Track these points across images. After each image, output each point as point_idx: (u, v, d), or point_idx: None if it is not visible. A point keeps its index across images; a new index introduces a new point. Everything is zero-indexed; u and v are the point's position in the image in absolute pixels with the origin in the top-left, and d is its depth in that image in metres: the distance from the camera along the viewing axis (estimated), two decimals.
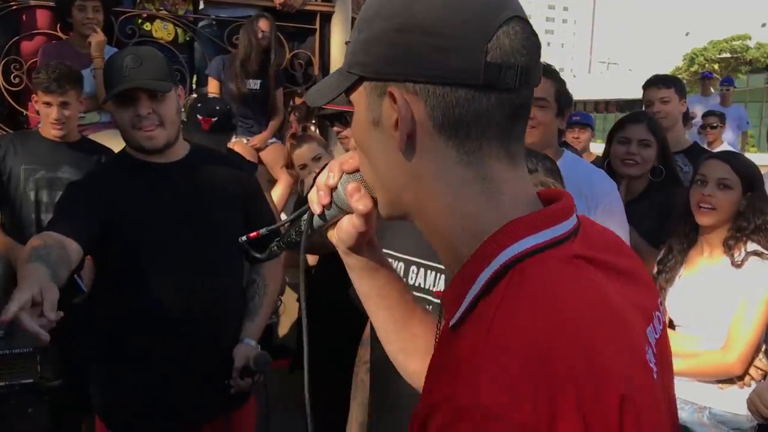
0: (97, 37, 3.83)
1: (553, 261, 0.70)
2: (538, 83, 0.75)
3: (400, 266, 1.56)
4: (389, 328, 1.05)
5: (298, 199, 3.56)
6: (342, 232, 0.95)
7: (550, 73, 2.35)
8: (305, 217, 0.96)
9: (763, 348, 2.36)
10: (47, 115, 3.02)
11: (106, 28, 4.08)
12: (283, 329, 3.81)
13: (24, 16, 4.17)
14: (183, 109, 2.15)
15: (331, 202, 0.92)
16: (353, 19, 4.95)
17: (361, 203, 0.88)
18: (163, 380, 2.05)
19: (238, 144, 4.25)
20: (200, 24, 4.71)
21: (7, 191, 3.00)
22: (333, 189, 0.91)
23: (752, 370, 2.32)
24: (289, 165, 3.41)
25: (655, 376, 0.71)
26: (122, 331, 2.08)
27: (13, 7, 4.09)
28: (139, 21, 4.47)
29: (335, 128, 2.73)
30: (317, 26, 4.86)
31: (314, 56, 4.86)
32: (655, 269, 2.51)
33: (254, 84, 4.33)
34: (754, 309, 2.31)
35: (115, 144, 3.43)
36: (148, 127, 1.99)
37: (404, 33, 0.72)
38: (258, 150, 4.38)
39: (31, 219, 2.98)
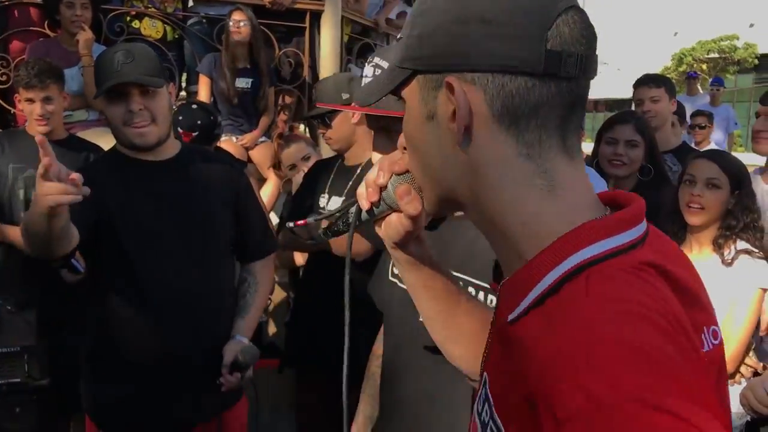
0: (85, 35, 3.81)
1: (625, 267, 0.69)
2: (595, 75, 0.75)
3: None
4: (435, 317, 1.07)
5: (288, 198, 3.55)
6: (390, 229, 0.96)
7: None
8: (353, 209, 0.98)
9: (753, 345, 2.37)
10: (31, 112, 3.01)
11: (95, 25, 4.05)
12: (272, 328, 3.80)
13: (12, 13, 4.13)
14: (174, 107, 2.13)
15: (379, 200, 0.93)
16: (343, 18, 4.95)
17: (411, 206, 0.89)
18: (154, 379, 2.03)
19: (228, 142, 4.23)
20: (189, 22, 4.69)
21: None
22: (382, 188, 0.92)
23: (742, 368, 2.33)
24: (276, 165, 3.40)
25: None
26: (112, 330, 2.06)
27: (4, 4, 4.05)
28: (128, 18, 4.44)
29: (320, 129, 2.73)
30: (307, 24, 4.84)
31: (304, 55, 4.85)
32: None
33: (245, 82, 4.32)
34: (745, 308, 2.32)
35: (103, 142, 3.42)
36: (140, 124, 1.98)
37: (462, 24, 0.72)
38: (247, 149, 4.36)
39: (21, 217, 2.95)
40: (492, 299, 1.39)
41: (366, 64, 1.44)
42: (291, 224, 1.08)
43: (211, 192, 2.12)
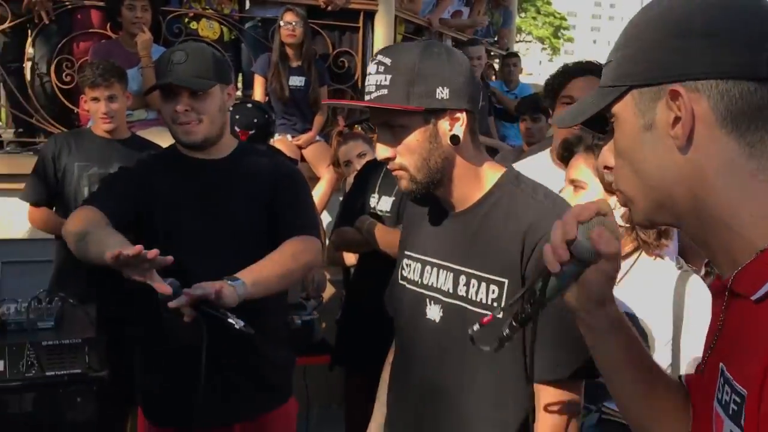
0: (144, 36, 3.92)
1: None
2: None
3: (417, 267, 1.57)
4: (635, 389, 1.03)
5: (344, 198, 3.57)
6: (593, 285, 0.97)
7: (601, 71, 2.31)
8: (538, 285, 0.97)
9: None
10: (96, 111, 3.11)
11: (154, 27, 4.16)
12: (323, 326, 3.83)
13: (77, 16, 4.28)
14: (229, 110, 2.15)
15: (570, 259, 0.94)
16: (396, 17, 4.96)
17: (611, 245, 0.93)
18: (196, 374, 2.05)
19: (282, 141, 4.29)
20: (246, 25, 4.77)
21: (62, 187, 3.09)
22: (570, 243, 0.93)
23: None
24: (335, 162, 3.42)
25: None
26: (155, 324, 2.10)
27: (68, 7, 4.19)
28: (186, 20, 4.55)
29: (370, 133, 2.74)
30: (360, 24, 4.88)
31: (357, 54, 4.88)
32: (703, 271, 2.45)
33: (298, 81, 4.37)
34: None
35: (161, 140, 3.51)
36: (186, 122, 2.02)
37: (683, 38, 0.80)
38: (301, 148, 4.41)
39: None
40: (494, 289, 1.40)
41: (370, 62, 1.45)
42: (476, 327, 1.04)
43: (251, 191, 2.12)
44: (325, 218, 4.00)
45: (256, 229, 2.09)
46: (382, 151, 1.44)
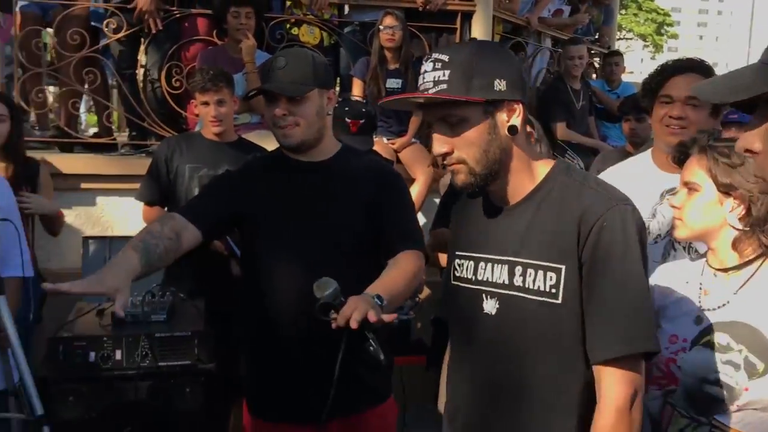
0: (248, 42, 4.05)
1: None
2: None
3: (470, 265, 1.58)
4: None
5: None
6: None
7: (704, 69, 2.23)
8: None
9: None
10: (206, 114, 3.24)
11: (258, 33, 4.30)
12: (419, 326, 3.85)
13: (185, 24, 4.48)
14: (329, 114, 2.21)
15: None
16: (494, 17, 4.93)
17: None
18: (294, 369, 2.10)
19: (378, 143, 4.34)
20: (345, 29, 4.86)
21: (174, 188, 3.25)
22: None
23: None
24: (434, 163, 3.45)
25: None
26: (261, 320, 2.16)
27: (177, 16, 4.40)
28: (288, 26, 4.68)
29: None
30: (458, 25, 4.87)
31: None
32: None
33: (395, 83, 4.41)
34: None
35: (264, 143, 3.62)
36: (284, 126, 2.09)
37: None
38: (396, 150, 4.45)
39: None
40: (551, 276, 1.42)
41: (424, 60, 1.48)
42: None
43: (354, 193, 2.15)
44: (420, 219, 4.02)
45: (357, 230, 2.12)
46: (439, 146, 1.47)
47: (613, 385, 1.39)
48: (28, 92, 4.65)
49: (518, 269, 1.47)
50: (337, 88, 4.99)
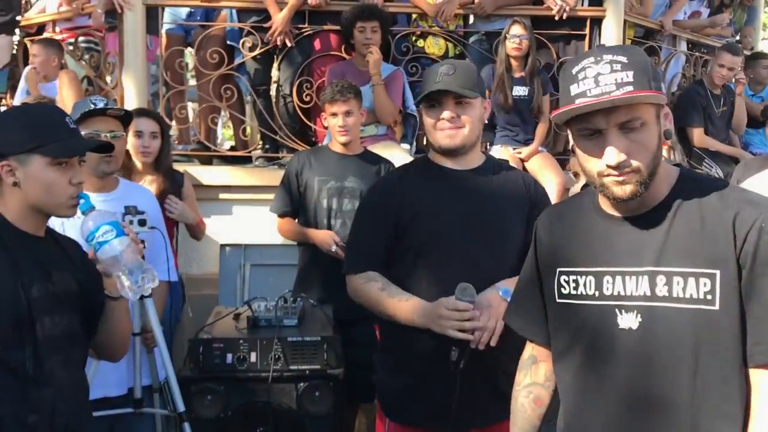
0: (373, 56, 4.12)
1: None
2: None
3: (589, 281, 1.51)
4: None
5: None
6: None
7: None
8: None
9: None
10: (334, 125, 3.32)
11: (384, 46, 4.37)
12: None
13: (315, 41, 4.64)
14: (485, 122, 2.28)
15: None
16: (625, 21, 4.76)
17: None
18: (434, 375, 2.13)
19: (505, 152, 4.30)
20: (471, 39, 4.85)
21: (304, 200, 3.35)
22: None
23: None
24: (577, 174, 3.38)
25: None
26: (400, 325, 2.19)
27: (308, 33, 4.56)
28: (413, 38, 4.73)
29: None
30: (587, 31, 4.74)
31: None
32: None
33: (522, 91, 4.35)
34: None
35: (389, 154, 3.68)
36: (449, 127, 2.16)
37: None
38: (524, 159, 4.39)
39: (324, 223, 3.30)
40: (705, 282, 1.36)
41: (595, 63, 1.39)
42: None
43: (508, 201, 2.23)
44: None
45: (511, 238, 2.18)
46: (617, 154, 1.38)
47: None
48: (171, 109, 4.97)
49: (661, 279, 1.41)
50: None
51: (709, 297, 1.37)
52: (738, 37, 6.60)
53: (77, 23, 4.97)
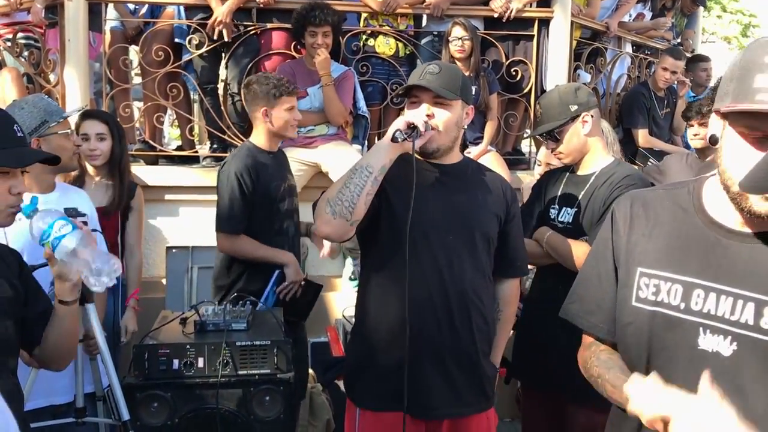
0: (319, 57, 4.08)
1: None
2: None
3: (675, 289, 1.37)
4: None
5: None
6: None
7: None
8: None
9: None
10: (290, 119, 3.20)
11: (334, 45, 4.34)
12: None
13: (263, 38, 4.57)
14: (463, 128, 2.31)
15: None
16: (572, 23, 4.82)
17: None
18: (410, 365, 2.13)
19: None
20: (423, 40, 4.84)
21: (259, 207, 3.16)
22: None
23: None
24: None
25: None
26: (377, 312, 2.24)
27: (255, 31, 4.50)
28: (364, 37, 4.71)
29: (550, 145, 2.68)
30: (535, 32, 4.80)
31: (531, 63, 4.80)
32: None
33: None
34: None
35: (339, 153, 3.65)
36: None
37: None
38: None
39: (284, 227, 3.23)
40: None
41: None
42: None
43: (486, 199, 2.28)
44: None
45: (493, 237, 2.27)
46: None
47: None
48: (116, 107, 4.84)
49: None
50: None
51: None
52: (679, 40, 6.77)
53: (15, 18, 4.79)
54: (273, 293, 2.98)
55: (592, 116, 2.59)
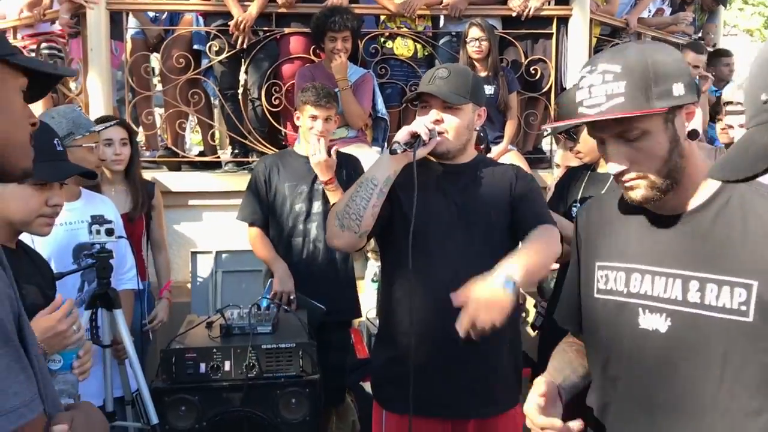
0: (336, 62, 4.08)
1: None
2: None
3: (619, 276, 1.47)
4: None
5: None
6: None
7: None
8: None
9: None
10: (311, 129, 3.26)
11: (352, 48, 4.35)
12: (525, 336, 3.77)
13: (283, 43, 4.60)
14: (476, 129, 2.30)
15: None
16: (591, 20, 4.80)
17: None
18: (434, 365, 2.17)
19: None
20: (441, 40, 4.85)
21: (275, 205, 3.29)
22: None
23: None
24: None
25: None
26: (396, 312, 2.23)
27: (275, 35, 4.52)
28: (382, 40, 4.72)
29: (568, 144, 2.67)
30: (554, 30, 4.78)
31: (550, 61, 4.79)
32: None
33: (488, 90, 4.36)
34: None
35: (360, 156, 3.66)
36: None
37: None
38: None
39: (300, 229, 3.26)
40: (740, 292, 1.30)
41: (589, 72, 1.37)
42: None
43: (496, 192, 2.26)
44: None
45: (501, 219, 2.24)
46: (618, 164, 1.38)
47: None
48: (138, 115, 4.90)
49: (694, 284, 1.36)
50: None
51: (743, 308, 1.30)
52: (700, 34, 6.70)
53: (39, 29, 4.88)
54: (266, 300, 3.00)
55: None
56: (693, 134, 1.38)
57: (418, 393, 2.16)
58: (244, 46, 4.41)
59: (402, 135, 2.12)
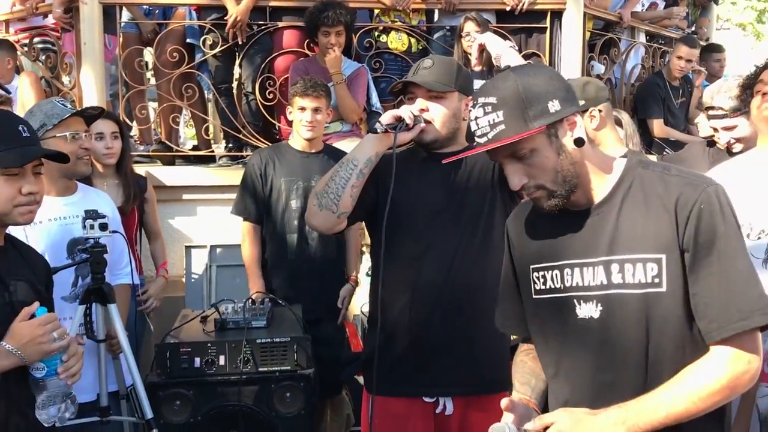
0: (330, 56, 4.08)
1: None
2: None
3: (555, 275, 1.57)
4: None
5: None
6: None
7: None
8: None
9: None
10: (301, 120, 3.26)
11: (347, 41, 4.34)
12: None
13: (276, 37, 4.59)
14: (465, 119, 2.29)
15: None
16: (585, 14, 4.80)
17: None
18: (418, 348, 2.20)
19: None
20: (435, 35, 4.84)
21: (270, 201, 3.29)
22: None
23: None
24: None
25: None
26: (385, 299, 2.24)
27: (269, 29, 4.51)
28: (376, 34, 4.71)
29: None
30: (548, 24, 4.78)
31: (544, 55, 4.79)
32: None
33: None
34: None
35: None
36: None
37: None
38: None
39: (294, 225, 3.27)
40: (652, 267, 1.42)
41: (472, 107, 1.51)
42: None
43: (479, 179, 2.26)
44: None
45: (486, 207, 2.25)
46: (517, 180, 1.50)
47: (729, 364, 1.39)
48: (132, 109, 4.88)
49: (615, 267, 1.47)
50: None
51: (656, 280, 1.43)
52: (693, 28, 6.72)
53: (32, 23, 4.86)
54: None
55: (600, 111, 2.63)
56: (578, 142, 1.48)
57: (401, 373, 2.22)
58: (241, 41, 4.40)
59: (386, 117, 2.15)
